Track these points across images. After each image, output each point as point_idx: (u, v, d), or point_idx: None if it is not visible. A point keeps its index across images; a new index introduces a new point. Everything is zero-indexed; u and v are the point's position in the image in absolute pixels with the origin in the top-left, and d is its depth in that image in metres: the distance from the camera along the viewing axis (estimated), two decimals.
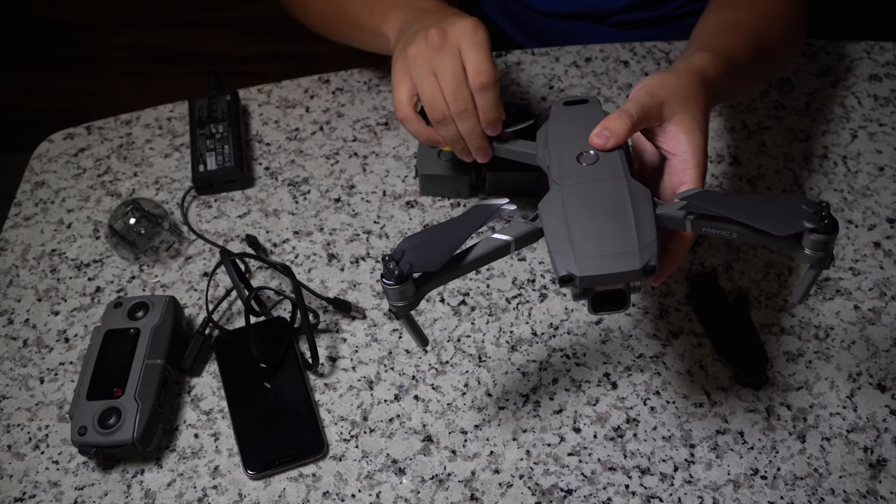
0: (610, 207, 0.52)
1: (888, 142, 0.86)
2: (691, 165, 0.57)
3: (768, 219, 0.49)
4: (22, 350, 0.72)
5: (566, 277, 0.50)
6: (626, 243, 0.50)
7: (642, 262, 0.50)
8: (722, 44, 0.67)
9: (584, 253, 0.50)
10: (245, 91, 0.92)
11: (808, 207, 0.49)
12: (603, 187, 0.54)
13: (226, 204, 0.82)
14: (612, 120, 0.56)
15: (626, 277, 0.50)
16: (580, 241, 0.51)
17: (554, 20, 1.00)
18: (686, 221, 0.53)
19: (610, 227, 0.51)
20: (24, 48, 1.99)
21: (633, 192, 0.53)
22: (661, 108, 0.57)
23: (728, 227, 0.52)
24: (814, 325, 0.72)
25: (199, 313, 0.74)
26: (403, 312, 0.54)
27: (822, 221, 0.49)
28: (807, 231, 0.49)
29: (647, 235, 0.51)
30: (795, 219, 0.49)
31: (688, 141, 0.57)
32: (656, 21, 0.99)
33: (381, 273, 0.52)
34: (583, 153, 0.56)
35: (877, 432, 0.66)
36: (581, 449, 0.66)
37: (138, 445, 0.62)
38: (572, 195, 0.54)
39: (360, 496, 0.63)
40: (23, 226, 0.82)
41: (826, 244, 0.50)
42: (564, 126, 0.60)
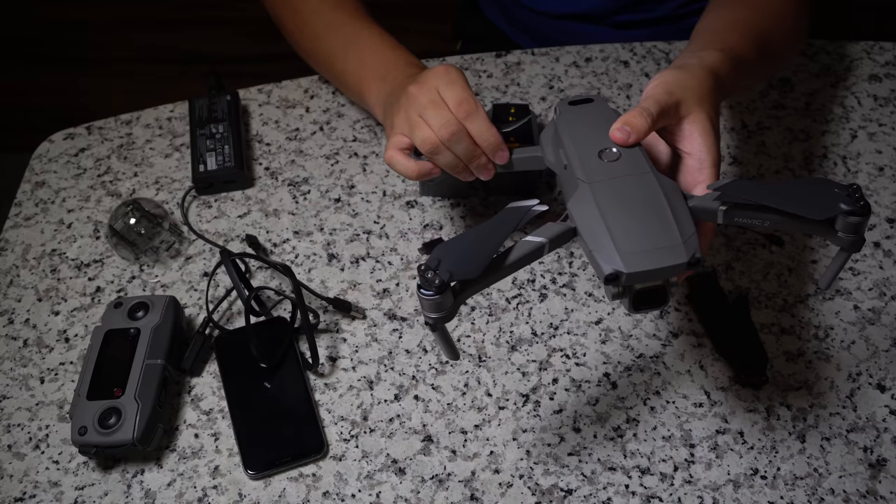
0: (645, 202, 0.52)
1: (888, 142, 0.86)
2: (707, 164, 0.57)
3: (804, 203, 0.49)
4: (22, 350, 0.72)
5: (612, 276, 0.49)
6: (669, 237, 0.50)
7: (688, 254, 0.49)
8: (730, 41, 0.66)
9: (628, 249, 0.49)
10: (245, 91, 0.92)
11: (840, 190, 0.50)
12: (632, 183, 0.53)
13: (226, 204, 0.82)
14: (632, 116, 0.56)
15: (672, 271, 0.50)
16: (622, 237, 0.50)
17: (553, 20, 1.00)
18: (719, 212, 0.52)
19: (650, 222, 0.51)
20: (25, 48, 2.00)
21: (664, 186, 0.53)
22: (678, 106, 0.57)
23: (761, 215, 0.51)
24: (814, 325, 0.72)
25: (199, 313, 0.74)
26: (440, 325, 0.52)
27: (858, 203, 0.49)
28: (842, 214, 0.49)
29: (687, 228, 0.51)
30: (831, 202, 0.49)
31: (703, 140, 0.57)
32: (655, 21, 0.99)
33: (418, 284, 0.49)
34: (604, 150, 0.56)
35: (876, 432, 0.66)
36: (581, 449, 0.66)
37: (138, 445, 0.62)
38: (603, 192, 0.53)
39: (360, 496, 0.63)
40: (23, 226, 0.82)
41: (860, 226, 0.50)
42: (576, 125, 0.59)
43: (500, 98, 0.90)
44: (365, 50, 0.77)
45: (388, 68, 0.73)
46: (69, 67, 2.00)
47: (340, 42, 0.79)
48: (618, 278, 0.49)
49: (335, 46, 0.80)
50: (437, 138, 0.63)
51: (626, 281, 0.49)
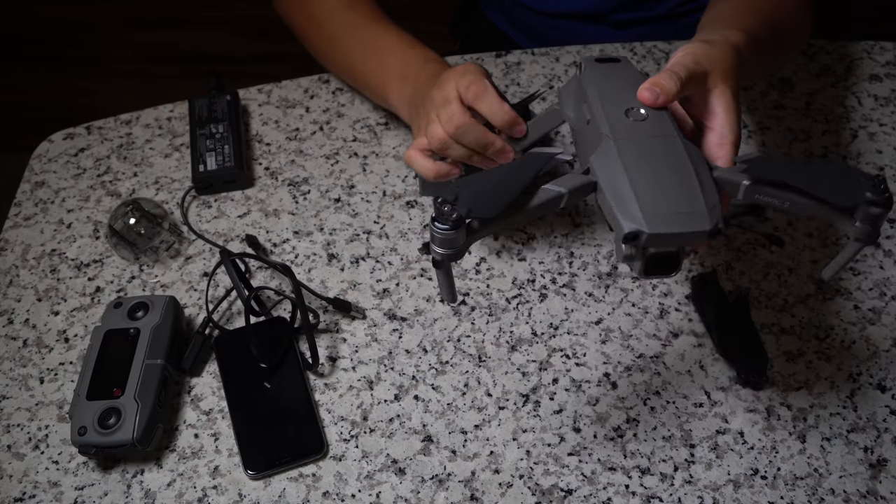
0: (670, 165, 0.50)
1: (888, 142, 0.86)
2: (728, 142, 0.56)
3: (830, 189, 0.49)
4: (22, 350, 0.72)
5: (631, 234, 0.48)
6: (694, 202, 0.49)
7: (712, 223, 0.48)
8: (748, 24, 0.66)
9: (652, 210, 0.48)
10: (245, 91, 0.92)
11: (866, 180, 0.49)
12: (658, 144, 0.52)
13: (226, 204, 0.82)
14: (661, 77, 0.55)
15: (693, 238, 0.48)
16: (646, 197, 0.48)
17: (552, 20, 1.00)
18: (742, 186, 0.51)
19: (675, 186, 0.49)
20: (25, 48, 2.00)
21: (689, 151, 0.52)
22: (706, 77, 0.57)
23: (784, 194, 0.50)
24: (814, 325, 0.72)
25: (199, 313, 0.74)
26: (447, 263, 0.50)
27: (884, 194, 0.48)
28: (864, 203, 0.49)
29: (711, 196, 0.49)
30: (857, 191, 0.49)
31: (726, 116, 0.57)
32: (654, 20, 0.99)
33: (433, 216, 0.47)
34: (631, 109, 0.54)
35: (877, 432, 0.66)
36: (581, 449, 0.65)
37: (138, 445, 0.62)
38: (629, 150, 0.51)
39: (360, 496, 0.63)
40: (23, 226, 0.82)
41: (879, 218, 0.49)
42: (603, 81, 0.58)
43: None
44: (384, 50, 0.77)
45: (409, 67, 0.73)
46: (69, 67, 2.00)
47: (358, 44, 0.79)
48: (637, 238, 0.48)
49: (353, 49, 0.80)
50: (444, 133, 0.64)
51: (645, 242, 0.48)
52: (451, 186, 0.49)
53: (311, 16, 0.83)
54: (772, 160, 0.52)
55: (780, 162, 0.51)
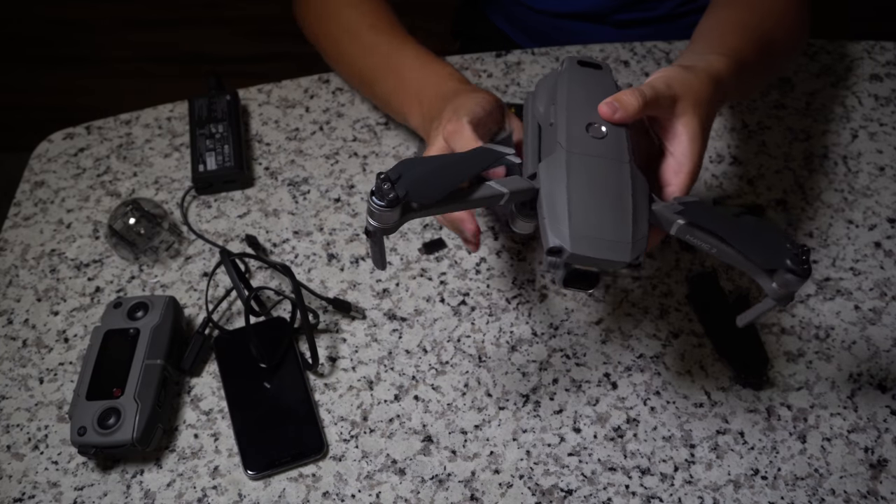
0: (612, 191, 0.52)
1: (889, 141, 0.86)
2: (685, 171, 0.57)
3: (754, 247, 0.51)
4: (21, 350, 0.72)
5: (555, 249, 0.50)
6: (621, 233, 0.51)
7: (633, 256, 0.50)
8: (736, 46, 0.66)
9: (580, 231, 0.50)
10: (245, 91, 0.91)
11: (792, 247, 0.51)
12: (608, 167, 0.53)
13: (226, 204, 0.82)
14: (624, 93, 0.56)
15: (611, 265, 0.51)
16: (578, 217, 0.50)
17: (553, 19, 1.00)
18: (675, 224, 0.53)
19: (609, 212, 0.51)
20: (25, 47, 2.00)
21: (635, 181, 0.53)
22: (675, 101, 0.57)
23: (711, 241, 0.53)
24: (814, 326, 0.72)
25: (199, 313, 0.74)
26: (381, 235, 0.52)
27: (802, 266, 0.51)
28: (784, 270, 0.51)
29: (641, 229, 0.51)
30: (779, 255, 0.51)
31: (689, 145, 0.57)
32: (655, 20, 0.99)
33: (372, 191, 0.49)
34: (592, 124, 0.55)
35: (877, 432, 0.66)
36: (581, 449, 0.65)
37: (138, 446, 0.62)
38: (577, 166, 0.53)
39: (360, 496, 0.63)
40: (22, 226, 0.81)
41: (795, 285, 0.51)
42: (575, 87, 0.58)
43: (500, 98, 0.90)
44: (402, 69, 0.76)
45: (423, 87, 0.73)
46: (69, 67, 2.00)
47: (380, 63, 0.79)
48: (559, 253, 0.50)
49: (375, 69, 0.79)
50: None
51: (566, 259, 0.50)
52: (396, 165, 0.50)
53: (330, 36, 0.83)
54: (708, 207, 0.54)
55: (715, 211, 0.54)
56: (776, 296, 0.52)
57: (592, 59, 0.61)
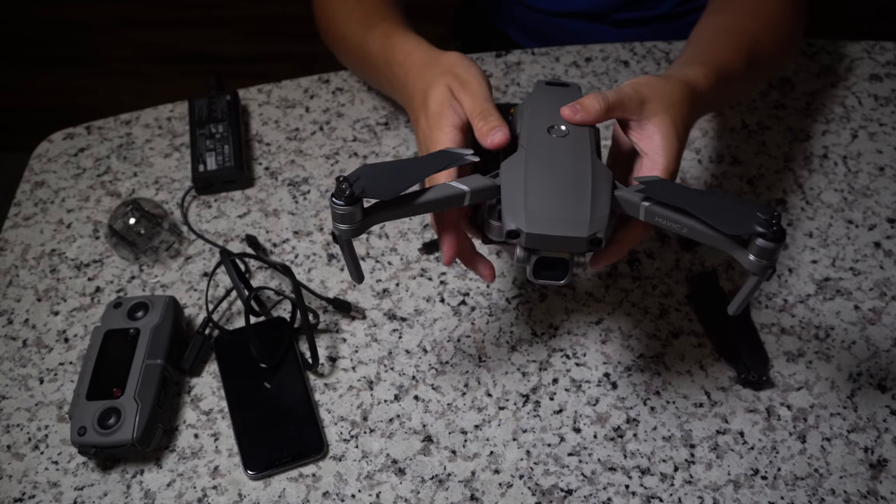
0: (570, 177, 0.53)
1: (888, 142, 0.86)
2: (659, 167, 0.57)
3: (720, 217, 0.50)
4: (22, 350, 0.72)
5: (513, 232, 0.50)
6: (578, 211, 0.51)
7: (591, 231, 0.50)
8: (717, 55, 0.67)
9: (535, 212, 0.51)
10: (245, 91, 0.92)
11: (761, 213, 0.50)
12: (567, 158, 0.54)
13: (226, 204, 0.82)
14: (587, 98, 0.57)
15: (571, 243, 0.51)
16: (534, 200, 0.51)
17: (553, 18, 1.00)
18: (641, 207, 0.53)
19: (566, 194, 0.52)
20: (25, 48, 2.00)
21: (595, 169, 0.54)
22: (643, 104, 0.58)
23: (680, 219, 0.52)
24: (814, 325, 0.72)
25: (199, 313, 0.74)
26: (346, 237, 0.53)
27: (772, 228, 0.49)
28: (755, 236, 0.49)
29: (600, 209, 0.52)
30: (747, 221, 0.49)
31: (662, 144, 0.57)
32: (655, 20, 0.99)
33: (332, 193, 0.51)
34: (554, 126, 0.57)
35: (877, 432, 0.66)
36: (581, 449, 0.65)
37: (138, 445, 0.62)
38: (536, 159, 0.54)
39: (360, 496, 0.63)
40: (22, 226, 0.81)
41: (772, 252, 0.50)
42: (541, 101, 0.60)
43: (500, 98, 0.90)
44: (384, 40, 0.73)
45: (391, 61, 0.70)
46: (69, 67, 2.00)
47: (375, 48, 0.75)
48: (518, 236, 0.50)
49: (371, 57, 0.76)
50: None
51: (525, 242, 0.51)
52: (356, 169, 0.52)
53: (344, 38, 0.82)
54: (670, 184, 0.53)
55: (678, 188, 0.53)
56: (756, 268, 0.51)
57: (561, 79, 0.62)
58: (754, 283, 0.53)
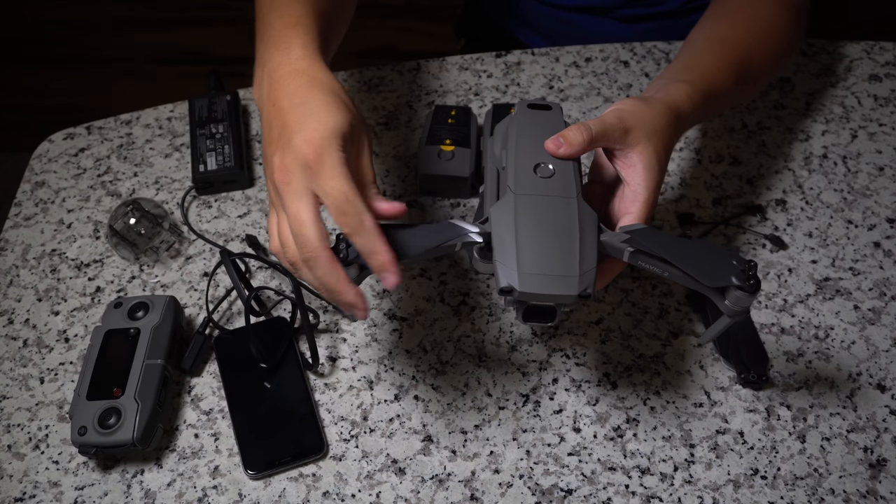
0: (558, 227, 0.54)
1: (888, 142, 0.86)
2: (641, 199, 0.58)
3: (701, 268, 0.53)
4: (22, 350, 0.72)
5: (506, 289, 0.52)
6: (567, 267, 0.52)
7: (580, 288, 0.52)
8: (706, 71, 0.67)
9: (527, 269, 0.52)
10: (245, 91, 0.92)
11: (738, 264, 0.53)
12: (555, 205, 0.55)
13: (226, 204, 0.82)
14: (570, 130, 0.57)
15: (561, 299, 0.53)
16: (525, 256, 0.52)
17: (558, 12, 1.00)
18: (625, 253, 0.55)
19: (555, 248, 0.53)
20: (25, 48, 2.00)
21: (581, 215, 0.55)
22: (626, 133, 0.58)
23: (662, 265, 0.54)
24: (814, 325, 0.72)
25: (199, 313, 0.74)
26: None
27: (748, 281, 0.52)
28: (732, 287, 0.52)
29: (588, 262, 0.53)
30: (725, 273, 0.53)
31: (644, 174, 0.58)
32: (662, 16, 0.98)
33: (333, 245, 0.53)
34: (540, 164, 0.57)
35: (877, 432, 0.66)
36: (581, 449, 0.66)
37: (138, 445, 0.62)
38: (525, 207, 0.55)
39: (360, 496, 0.63)
40: (23, 226, 0.82)
41: (745, 301, 0.53)
42: (525, 130, 0.60)
43: (500, 98, 0.90)
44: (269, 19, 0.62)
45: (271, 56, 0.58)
46: (69, 67, 2.00)
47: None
48: (511, 292, 0.52)
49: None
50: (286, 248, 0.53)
51: (517, 297, 0.52)
52: None
53: None
54: (655, 233, 0.55)
55: (661, 237, 0.55)
56: (730, 312, 0.54)
57: (542, 101, 0.63)
58: (727, 322, 0.56)
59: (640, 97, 0.62)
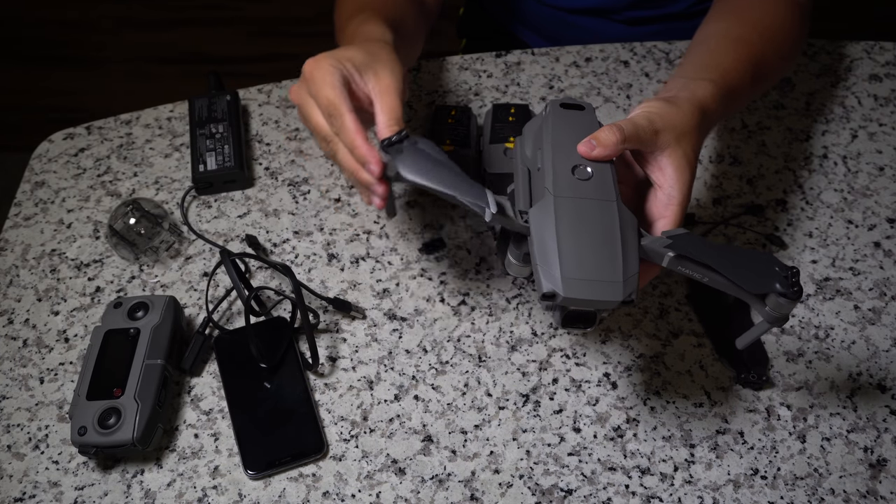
0: (600, 231, 0.53)
1: (888, 142, 0.86)
2: (675, 202, 0.57)
3: (744, 274, 0.52)
4: (22, 350, 0.72)
5: (549, 294, 0.51)
6: (612, 272, 0.52)
7: (625, 294, 0.51)
8: (726, 70, 0.66)
9: (571, 274, 0.51)
10: (245, 91, 0.92)
11: (780, 270, 0.52)
12: (595, 208, 0.54)
13: (226, 204, 0.82)
14: (602, 131, 0.57)
15: (605, 305, 0.52)
16: (568, 261, 0.51)
17: (561, 14, 1.00)
18: (666, 257, 0.54)
19: (598, 253, 0.52)
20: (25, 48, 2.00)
21: (622, 219, 0.54)
22: (657, 135, 0.57)
23: (703, 271, 0.54)
24: (814, 325, 0.72)
25: (199, 313, 0.74)
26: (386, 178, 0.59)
27: (792, 288, 0.52)
28: (775, 293, 0.52)
29: (631, 267, 0.52)
30: (768, 280, 0.52)
31: (676, 177, 0.57)
32: (667, 18, 0.98)
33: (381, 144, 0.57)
34: (577, 166, 0.57)
35: (877, 432, 0.66)
36: (581, 449, 0.66)
37: (138, 445, 0.62)
38: (565, 211, 0.54)
39: (360, 496, 0.63)
40: (23, 226, 0.82)
41: (787, 308, 0.52)
42: (560, 131, 0.60)
43: (500, 98, 0.90)
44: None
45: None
46: (69, 67, 2.00)
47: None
48: (554, 297, 0.51)
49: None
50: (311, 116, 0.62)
51: (560, 302, 0.51)
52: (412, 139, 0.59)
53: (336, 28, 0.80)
54: (696, 239, 0.55)
55: (703, 242, 0.54)
56: (770, 319, 0.54)
57: (575, 100, 0.62)
58: (765, 328, 0.55)
59: (665, 98, 0.61)
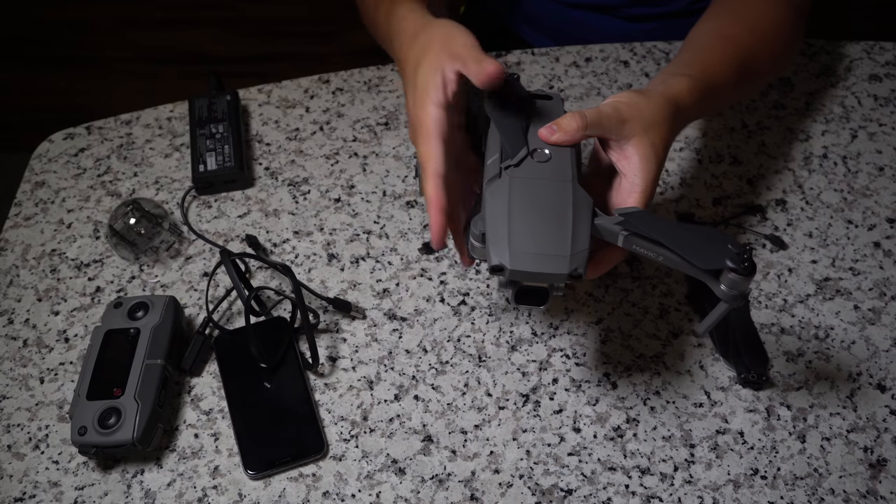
0: (552, 208, 0.54)
1: (888, 142, 0.86)
2: (638, 190, 0.58)
3: (695, 251, 0.52)
4: (22, 350, 0.72)
5: (497, 267, 0.52)
6: (559, 247, 0.52)
7: (570, 268, 0.52)
8: (708, 67, 0.67)
9: (519, 248, 0.52)
10: (245, 91, 0.92)
11: (733, 247, 0.52)
12: (549, 187, 0.55)
13: (226, 204, 0.82)
14: (565, 118, 0.57)
15: (552, 279, 0.53)
16: (517, 236, 0.52)
17: (563, 9, 1.00)
18: (620, 236, 0.55)
19: (548, 228, 0.53)
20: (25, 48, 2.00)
21: (576, 198, 0.55)
22: (623, 125, 0.58)
23: (657, 249, 0.54)
24: (814, 325, 0.72)
25: (199, 313, 0.74)
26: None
27: (743, 263, 0.51)
28: (727, 269, 0.52)
29: (580, 243, 0.53)
30: (720, 256, 0.52)
31: (640, 166, 0.58)
32: (668, 16, 0.98)
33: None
34: (536, 150, 0.57)
35: (877, 432, 0.66)
36: (581, 449, 0.66)
37: (138, 445, 0.62)
38: (519, 189, 0.55)
39: (360, 496, 0.63)
40: (23, 226, 0.82)
41: (741, 284, 0.52)
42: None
43: None
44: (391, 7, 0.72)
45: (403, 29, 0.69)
46: (69, 67, 2.00)
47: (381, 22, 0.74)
48: (502, 271, 0.52)
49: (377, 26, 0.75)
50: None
51: (508, 276, 0.52)
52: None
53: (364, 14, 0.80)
54: (649, 217, 0.55)
55: (656, 220, 0.55)
56: (726, 297, 0.53)
57: (545, 91, 0.63)
58: (724, 309, 0.55)
59: (639, 90, 0.62)
